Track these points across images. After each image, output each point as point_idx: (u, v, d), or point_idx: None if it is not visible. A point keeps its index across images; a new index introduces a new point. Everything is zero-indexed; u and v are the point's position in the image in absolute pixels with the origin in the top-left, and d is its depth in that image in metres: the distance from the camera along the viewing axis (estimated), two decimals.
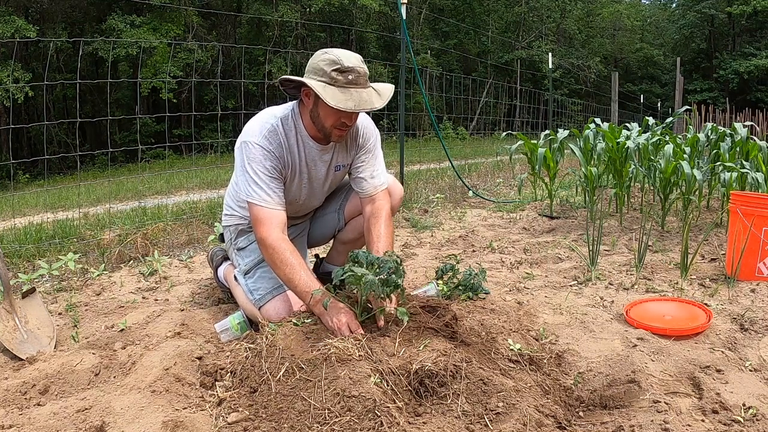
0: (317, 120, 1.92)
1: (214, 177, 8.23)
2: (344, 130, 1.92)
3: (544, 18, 29.77)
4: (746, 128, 4.28)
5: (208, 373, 1.68)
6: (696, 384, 1.62)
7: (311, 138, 2.01)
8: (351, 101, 1.79)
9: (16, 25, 14.38)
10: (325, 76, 1.81)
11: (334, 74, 1.80)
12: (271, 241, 1.85)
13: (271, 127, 1.95)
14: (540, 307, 2.19)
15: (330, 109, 1.83)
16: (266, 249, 1.87)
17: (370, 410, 1.33)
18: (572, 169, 4.87)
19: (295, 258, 1.83)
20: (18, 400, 1.60)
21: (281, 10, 19.69)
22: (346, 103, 1.78)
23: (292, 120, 1.99)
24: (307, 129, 2.00)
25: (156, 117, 16.31)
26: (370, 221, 2.07)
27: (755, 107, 15.80)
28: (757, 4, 31.21)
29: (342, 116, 1.86)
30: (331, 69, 1.80)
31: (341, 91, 1.80)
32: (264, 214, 1.89)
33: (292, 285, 1.82)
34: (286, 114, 2.00)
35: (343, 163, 2.15)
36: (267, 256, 1.88)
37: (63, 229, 3.86)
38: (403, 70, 5.26)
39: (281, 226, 1.90)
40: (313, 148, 2.03)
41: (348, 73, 1.81)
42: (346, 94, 1.80)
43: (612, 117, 10.12)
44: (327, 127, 1.91)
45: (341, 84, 1.80)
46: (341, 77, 1.80)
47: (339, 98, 1.78)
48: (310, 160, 2.05)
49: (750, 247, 2.51)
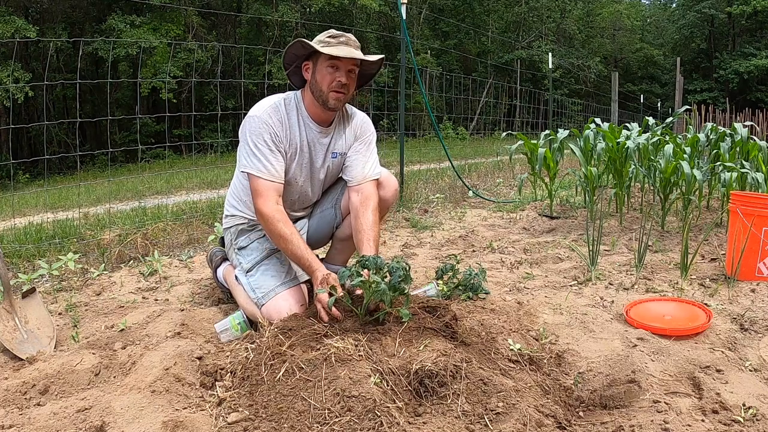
0: (315, 88, 2.06)
1: (214, 177, 8.22)
2: (341, 92, 2.04)
3: (544, 18, 29.76)
4: (746, 128, 4.28)
5: (208, 373, 1.68)
6: (696, 384, 1.62)
7: (312, 119, 2.14)
8: (342, 52, 1.98)
9: (16, 25, 14.36)
10: (321, 43, 2.03)
11: (327, 39, 2.03)
12: (266, 210, 1.99)
13: (274, 104, 2.10)
14: (540, 307, 2.19)
15: (325, 69, 2.01)
16: (265, 220, 2.00)
17: (370, 410, 1.33)
18: (572, 169, 4.87)
19: (288, 227, 1.97)
20: (18, 400, 1.60)
21: (281, 10, 19.69)
22: (338, 52, 1.97)
23: (294, 101, 2.14)
24: (308, 109, 2.13)
25: (156, 117, 16.30)
26: (359, 210, 2.13)
27: (755, 107, 15.80)
28: (757, 4, 31.21)
29: (337, 75, 2.01)
30: (326, 36, 2.04)
31: (333, 47, 2.00)
32: (262, 186, 2.02)
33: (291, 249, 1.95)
34: (289, 96, 2.16)
35: (340, 151, 2.23)
36: (266, 227, 2.01)
37: (63, 229, 3.86)
38: (403, 70, 5.26)
39: (279, 198, 2.04)
40: (313, 129, 2.15)
41: (340, 37, 2.04)
42: (339, 49, 2.00)
43: (612, 117, 10.12)
44: (324, 90, 2.03)
45: (334, 44, 2.02)
46: (334, 40, 2.03)
47: (332, 50, 1.98)
48: (311, 140, 2.16)
49: (750, 247, 2.51)
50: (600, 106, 19.37)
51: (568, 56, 29.01)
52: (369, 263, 1.70)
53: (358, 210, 2.13)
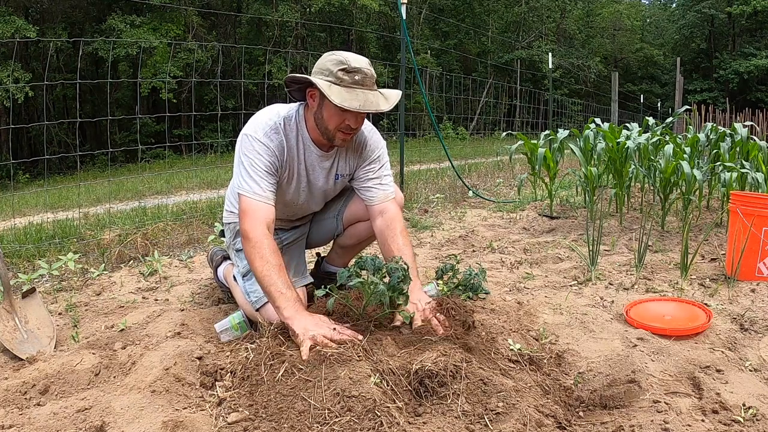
0: (321, 122, 1.88)
1: (214, 177, 8.22)
2: (348, 134, 1.88)
3: (544, 18, 29.77)
4: (746, 128, 4.28)
5: (208, 373, 1.68)
6: (696, 384, 1.62)
7: (313, 142, 1.98)
8: (356, 101, 1.76)
9: (16, 25, 14.37)
10: (331, 76, 1.79)
11: (340, 74, 1.78)
12: (253, 235, 1.79)
13: (274, 125, 1.92)
14: (540, 307, 2.19)
15: (334, 109, 1.80)
16: (247, 243, 1.80)
17: (370, 410, 1.33)
18: (572, 169, 4.87)
19: (274, 257, 1.77)
20: (18, 400, 1.60)
21: (281, 10, 19.70)
22: (351, 102, 1.75)
23: (295, 122, 1.96)
24: (310, 132, 1.96)
25: (156, 117, 16.30)
26: (386, 234, 2.00)
27: (755, 107, 15.80)
28: (757, 4, 31.22)
29: (346, 118, 1.83)
30: (338, 69, 1.78)
31: (347, 90, 1.77)
32: (251, 207, 1.84)
33: (265, 282, 1.74)
34: (290, 115, 1.97)
35: (343, 172, 2.11)
36: (247, 251, 1.81)
37: (63, 229, 3.86)
38: (403, 70, 5.25)
39: (267, 221, 1.84)
40: (314, 152, 2.00)
41: (354, 74, 1.79)
42: (352, 94, 1.77)
43: (612, 117, 10.12)
44: (331, 129, 1.87)
45: (347, 84, 1.78)
46: (347, 77, 1.78)
47: (344, 97, 1.75)
48: (309, 165, 2.02)
49: (750, 247, 2.51)
50: (600, 106, 19.37)
51: (568, 56, 29.01)
52: (367, 264, 1.69)
53: (386, 235, 2.00)
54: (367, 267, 1.69)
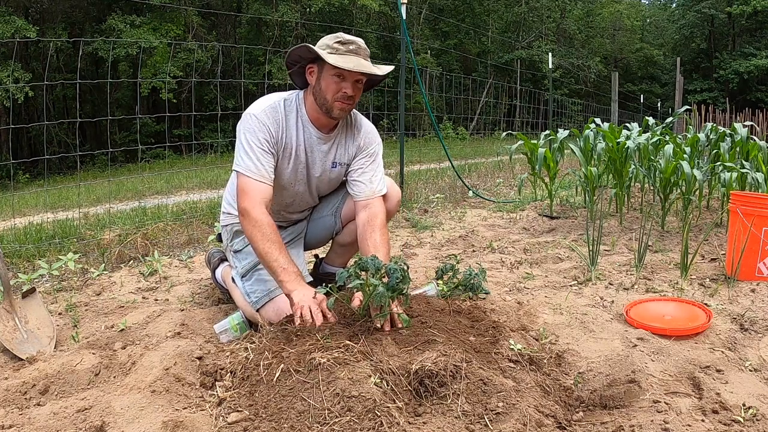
0: (320, 95, 1.97)
1: (214, 177, 8.22)
2: (346, 102, 1.97)
3: (544, 18, 29.76)
4: (746, 128, 4.28)
5: (208, 373, 1.68)
6: (696, 384, 1.62)
7: (312, 124, 2.06)
8: (351, 63, 1.89)
9: (16, 25, 14.36)
10: (328, 48, 1.93)
11: (336, 45, 1.93)
12: (254, 214, 1.88)
13: (273, 104, 2.02)
14: (540, 307, 2.19)
15: (331, 78, 1.93)
16: (247, 221, 1.88)
17: (370, 410, 1.33)
18: (572, 169, 4.87)
19: (275, 235, 1.86)
20: (18, 400, 1.60)
21: (281, 10, 19.68)
22: (345, 63, 1.88)
23: (295, 103, 2.06)
24: (309, 113, 2.05)
25: (156, 117, 16.30)
26: (365, 229, 2.05)
27: (755, 107, 15.80)
28: (757, 4, 31.20)
29: (343, 86, 1.93)
30: (334, 41, 1.94)
31: (341, 56, 1.91)
32: (249, 186, 1.92)
33: (267, 259, 1.83)
34: (290, 97, 2.07)
35: (341, 161, 2.15)
36: (247, 229, 1.88)
37: (63, 229, 3.86)
38: (403, 70, 5.25)
39: (265, 201, 1.92)
40: (313, 134, 2.07)
41: (349, 44, 1.93)
42: (346, 58, 1.90)
43: (612, 117, 10.12)
44: (329, 99, 1.95)
45: (342, 52, 1.92)
46: (343, 47, 1.93)
47: (339, 60, 1.88)
48: (308, 146, 2.08)
49: (750, 247, 2.51)
50: (600, 106, 19.37)
51: (568, 56, 29.01)
52: (368, 265, 1.69)
53: (365, 230, 2.04)
54: (367, 267, 1.69)
